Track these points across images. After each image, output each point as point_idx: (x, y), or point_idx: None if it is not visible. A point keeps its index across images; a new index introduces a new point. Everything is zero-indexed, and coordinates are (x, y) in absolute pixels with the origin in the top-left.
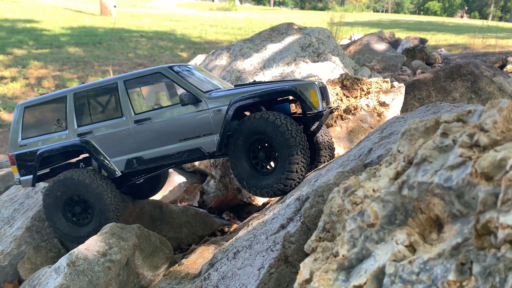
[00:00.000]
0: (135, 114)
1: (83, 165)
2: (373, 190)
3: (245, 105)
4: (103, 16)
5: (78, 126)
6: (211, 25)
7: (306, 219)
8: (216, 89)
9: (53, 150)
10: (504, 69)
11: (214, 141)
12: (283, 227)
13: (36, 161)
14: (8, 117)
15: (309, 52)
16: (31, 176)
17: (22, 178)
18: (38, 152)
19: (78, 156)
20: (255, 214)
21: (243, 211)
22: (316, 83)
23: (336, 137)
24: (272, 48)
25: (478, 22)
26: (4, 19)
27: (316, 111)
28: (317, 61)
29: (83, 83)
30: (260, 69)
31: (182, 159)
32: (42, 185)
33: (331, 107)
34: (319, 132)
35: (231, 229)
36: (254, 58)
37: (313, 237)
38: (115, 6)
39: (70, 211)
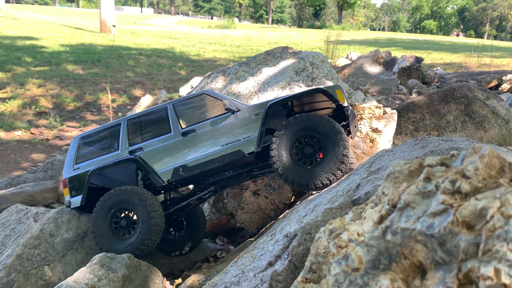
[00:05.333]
0: (182, 128)
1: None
2: (358, 234)
3: (280, 105)
4: (103, 34)
5: (130, 145)
6: (210, 43)
7: (294, 257)
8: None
9: (105, 167)
10: (500, 88)
11: (254, 141)
12: (271, 264)
13: (87, 179)
14: (4, 135)
15: (303, 76)
16: (80, 196)
17: (72, 199)
18: (90, 170)
19: None
20: (247, 241)
21: (237, 235)
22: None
23: None
24: (267, 72)
25: (474, 41)
26: (4, 36)
27: (344, 105)
28: (311, 86)
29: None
30: (255, 93)
31: (224, 162)
32: (34, 211)
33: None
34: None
35: (224, 255)
36: (250, 82)
37: (299, 278)
38: (114, 26)
39: (116, 222)
